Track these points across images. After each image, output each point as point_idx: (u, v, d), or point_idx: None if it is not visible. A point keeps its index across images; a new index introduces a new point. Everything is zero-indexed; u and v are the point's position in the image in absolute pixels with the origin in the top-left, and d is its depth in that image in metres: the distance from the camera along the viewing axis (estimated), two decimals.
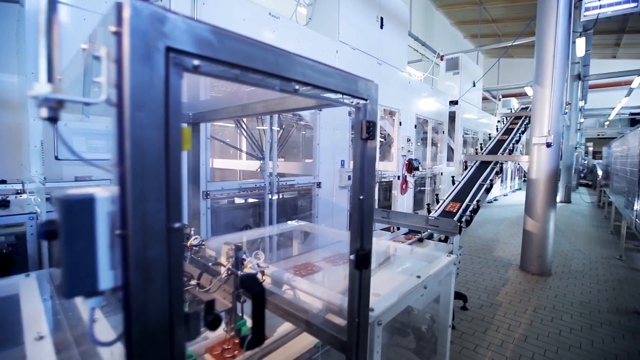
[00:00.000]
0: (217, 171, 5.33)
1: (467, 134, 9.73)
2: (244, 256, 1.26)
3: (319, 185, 4.14)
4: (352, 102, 0.96)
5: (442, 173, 7.65)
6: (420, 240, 2.97)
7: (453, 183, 5.09)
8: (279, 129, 4.18)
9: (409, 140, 5.81)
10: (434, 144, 7.89)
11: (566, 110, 4.63)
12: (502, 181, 13.29)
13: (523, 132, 6.81)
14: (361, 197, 0.98)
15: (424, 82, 7.08)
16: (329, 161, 4.31)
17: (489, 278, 4.42)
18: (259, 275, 1.26)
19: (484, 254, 5.50)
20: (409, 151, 5.84)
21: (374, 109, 1.00)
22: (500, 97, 14.65)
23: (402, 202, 6.03)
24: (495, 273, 4.61)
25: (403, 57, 5.84)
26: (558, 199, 4.72)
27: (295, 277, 1.41)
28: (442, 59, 8.83)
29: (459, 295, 3.55)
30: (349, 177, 4.41)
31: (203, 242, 1.60)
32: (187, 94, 1.39)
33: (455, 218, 3.87)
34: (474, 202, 4.23)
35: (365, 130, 0.96)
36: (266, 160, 3.55)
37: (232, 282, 1.19)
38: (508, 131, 6.88)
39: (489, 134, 7.04)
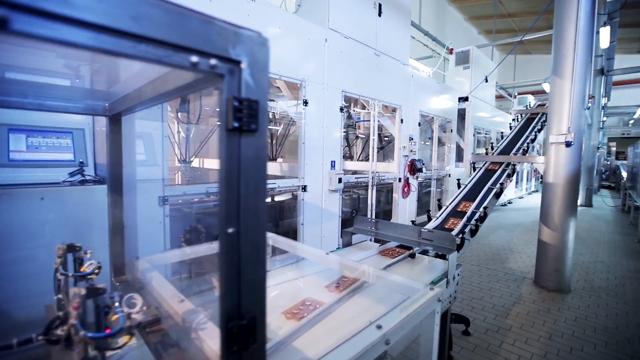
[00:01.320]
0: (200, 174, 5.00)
1: (479, 133, 9.12)
2: (109, 301, 0.87)
3: (304, 188, 3.73)
4: (210, 65, 0.53)
5: (450, 174, 7.11)
6: (412, 256, 2.52)
7: (459, 187, 4.59)
8: None
9: (411, 139, 5.33)
10: (441, 143, 7.36)
11: (589, 105, 4.07)
12: (517, 183, 12.56)
13: (539, 131, 6.20)
14: (231, 231, 0.56)
15: (433, 77, 6.56)
16: (317, 162, 3.89)
17: (497, 294, 3.91)
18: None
19: (494, 264, 4.97)
20: (411, 151, 5.36)
21: (261, 80, 0.58)
22: (516, 94, 13.87)
23: (404, 207, 5.55)
24: (506, 289, 4.09)
25: (405, 49, 5.36)
26: (578, 202, 4.16)
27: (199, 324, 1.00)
28: (451, 53, 8.27)
29: (459, 319, 3.08)
30: (339, 180, 3.99)
31: (97, 270, 1.21)
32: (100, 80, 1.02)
33: (457, 229, 3.39)
34: (481, 209, 3.74)
35: (234, 116, 0.54)
36: None
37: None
38: (522, 129, 6.29)
39: (501, 133, 6.47)
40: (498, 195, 4.17)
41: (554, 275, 4.03)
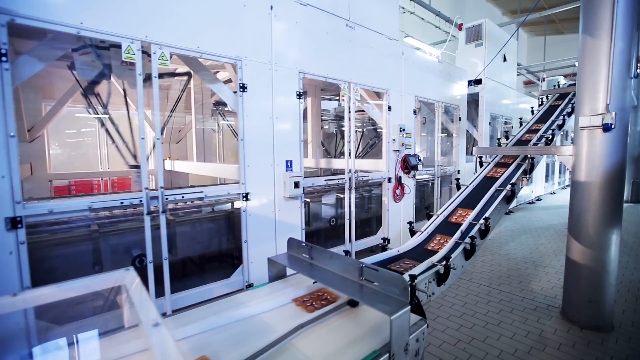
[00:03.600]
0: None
1: (507, 122, 7.85)
2: None
3: (246, 197, 2.93)
4: None
5: (459, 171, 6.03)
6: (353, 303, 1.65)
7: (458, 188, 3.60)
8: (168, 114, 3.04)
9: (402, 130, 4.37)
10: (449, 134, 6.29)
11: (638, 72, 2.95)
12: (547, 176, 11.04)
13: (570, 114, 5.00)
14: None
15: (442, 60, 5.50)
16: (265, 163, 3.07)
17: (509, 333, 2.92)
18: None
19: (510, 285, 3.92)
20: (402, 144, 4.40)
21: None
22: (544, 77, 12.24)
23: (397, 213, 4.61)
24: (521, 323, 3.08)
25: (392, 21, 4.40)
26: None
27: None
28: (460, 29, 7.12)
29: None
30: (296, 185, 3.14)
31: None
32: None
33: (442, 252, 2.44)
34: (481, 220, 2.76)
35: None
36: (143, 165, 2.40)
37: None
38: (547, 114, 5.12)
39: (520, 119, 5.32)
40: (509, 199, 3.16)
41: (588, 307, 2.97)
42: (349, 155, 3.83)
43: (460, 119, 5.94)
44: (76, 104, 4.10)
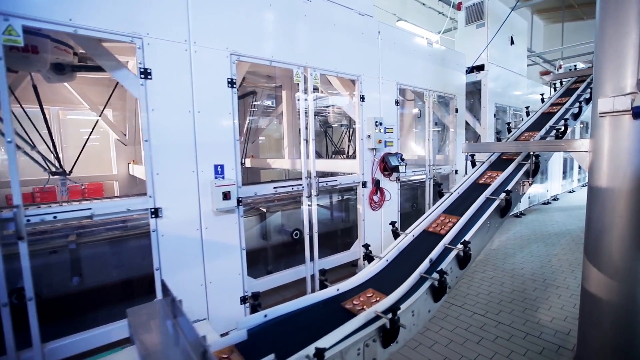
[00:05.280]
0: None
1: (517, 114, 6.94)
2: None
3: (155, 213, 2.29)
4: None
5: (456, 171, 5.23)
6: None
7: (440, 196, 2.85)
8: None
9: (379, 124, 3.64)
10: (443, 129, 5.50)
11: None
12: (565, 173, 9.98)
13: (588, 101, 4.14)
14: None
15: (441, 45, 4.69)
16: (183, 169, 2.42)
17: None
18: None
19: (512, 314, 3.15)
20: (380, 141, 3.67)
21: None
22: (561, 64, 11.12)
23: (376, 222, 3.89)
24: None
25: None
26: None
27: None
28: (459, 8, 6.26)
29: None
30: (226, 196, 2.48)
31: None
32: None
33: (396, 294, 1.72)
34: (459, 245, 2.02)
35: None
36: None
37: None
38: (560, 102, 4.27)
39: (527, 109, 4.48)
40: (504, 210, 2.42)
41: (612, 356, 2.19)
42: (307, 156, 3.14)
43: (457, 110, 5.13)
44: None
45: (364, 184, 3.71)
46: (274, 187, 2.97)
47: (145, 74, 2.22)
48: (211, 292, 2.60)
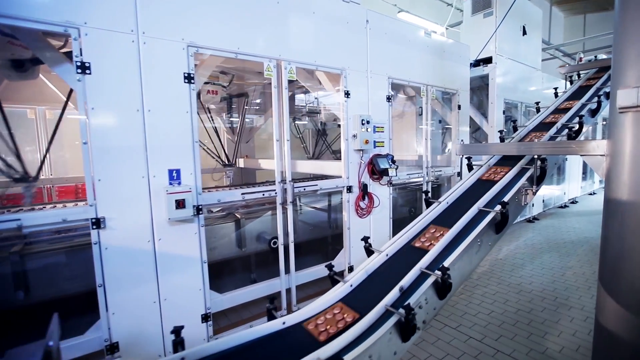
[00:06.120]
0: None
1: (530, 110, 6.42)
2: None
3: (97, 224, 2.03)
4: None
5: (459, 173, 4.80)
6: None
7: (427, 205, 2.48)
8: None
9: (365, 122, 3.29)
10: (445, 127, 5.08)
11: None
12: (585, 173, 9.28)
13: (608, 96, 3.66)
14: None
15: (447, 38, 4.28)
16: (132, 174, 2.16)
17: None
18: None
19: (515, 340, 2.75)
20: (366, 141, 3.32)
21: None
22: (581, 56, 10.37)
23: (363, 232, 3.55)
24: None
25: None
26: None
27: None
28: None
29: None
30: (179, 204, 2.21)
31: None
32: None
33: (350, 334, 1.38)
34: (436, 271, 1.66)
35: None
36: None
37: None
38: (575, 97, 3.80)
39: (537, 104, 4.02)
40: (500, 226, 2.05)
41: None
42: (280, 157, 2.84)
43: (459, 107, 4.71)
44: None
45: (349, 189, 3.37)
46: (242, 194, 2.68)
47: (83, 68, 1.97)
48: (166, 310, 2.33)
